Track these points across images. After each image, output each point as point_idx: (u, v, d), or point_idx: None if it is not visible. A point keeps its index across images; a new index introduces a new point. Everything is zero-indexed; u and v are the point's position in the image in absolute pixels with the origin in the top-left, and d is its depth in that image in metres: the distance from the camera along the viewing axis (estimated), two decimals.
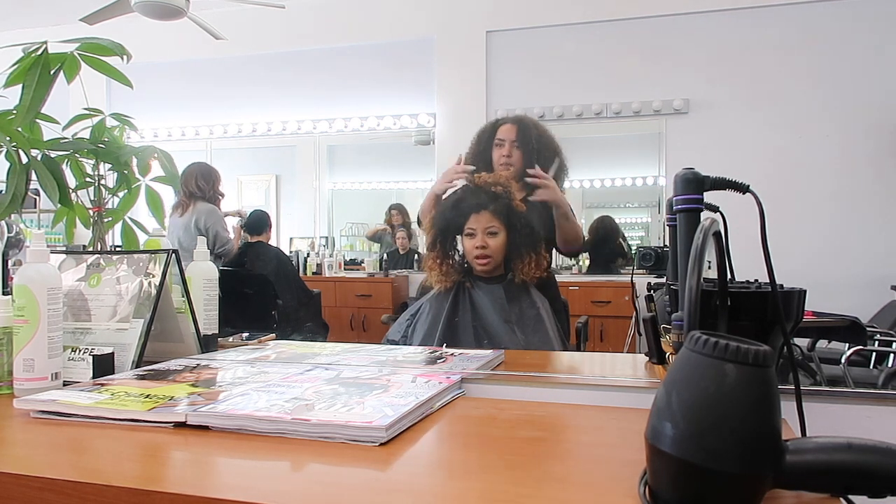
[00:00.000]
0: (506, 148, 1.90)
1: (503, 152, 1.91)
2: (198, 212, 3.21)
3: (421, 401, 0.75)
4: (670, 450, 0.46)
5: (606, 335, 3.54)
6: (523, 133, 1.91)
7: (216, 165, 3.58)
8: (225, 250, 3.28)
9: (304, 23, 4.35)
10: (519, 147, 1.91)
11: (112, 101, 4.08)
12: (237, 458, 0.63)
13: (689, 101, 3.78)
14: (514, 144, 1.90)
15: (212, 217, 3.24)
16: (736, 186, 0.72)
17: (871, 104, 3.54)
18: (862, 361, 1.87)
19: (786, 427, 0.67)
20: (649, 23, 3.83)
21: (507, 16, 4.04)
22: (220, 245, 3.25)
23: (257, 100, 4.55)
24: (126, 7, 3.11)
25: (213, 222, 3.23)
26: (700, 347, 0.46)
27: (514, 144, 1.90)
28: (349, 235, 4.73)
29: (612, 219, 4.13)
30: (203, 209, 3.22)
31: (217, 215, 3.28)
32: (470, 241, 1.66)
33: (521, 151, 1.91)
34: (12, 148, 1.10)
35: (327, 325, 3.82)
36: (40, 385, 0.85)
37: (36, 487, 0.56)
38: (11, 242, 1.37)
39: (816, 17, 3.60)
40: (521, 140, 1.90)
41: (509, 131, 1.92)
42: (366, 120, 4.34)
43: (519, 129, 1.92)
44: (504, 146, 1.91)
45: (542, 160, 1.89)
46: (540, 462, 0.62)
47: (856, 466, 0.47)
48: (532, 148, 1.89)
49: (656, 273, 2.66)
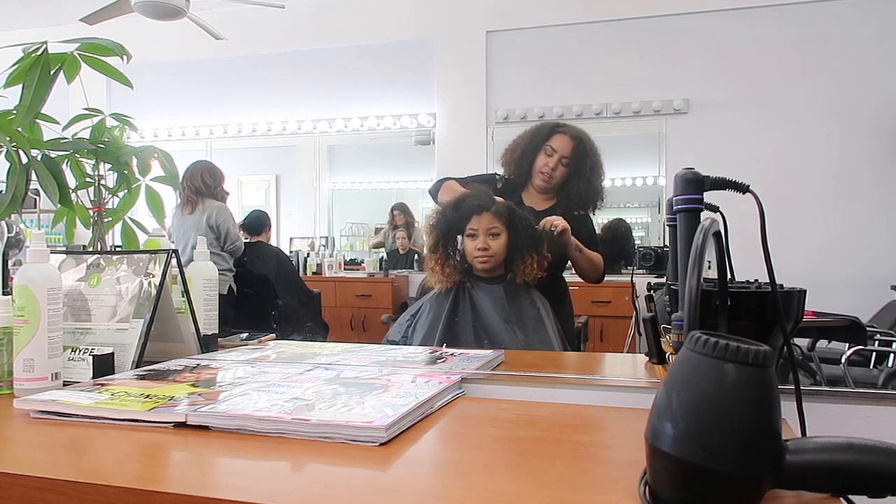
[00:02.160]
0: (554, 160, 1.78)
1: (550, 164, 1.78)
2: (209, 209, 3.19)
3: (421, 401, 0.75)
4: (670, 450, 0.46)
5: (606, 335, 3.54)
6: (579, 154, 1.78)
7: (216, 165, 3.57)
8: (235, 247, 3.28)
9: (304, 23, 4.35)
10: (567, 166, 1.78)
11: (112, 101, 4.08)
12: (237, 458, 0.63)
13: (689, 101, 3.78)
14: (564, 161, 1.78)
15: (223, 214, 3.23)
16: (736, 186, 0.72)
17: (871, 104, 3.54)
18: (862, 361, 1.88)
19: (786, 427, 0.67)
20: (649, 23, 3.83)
21: (507, 16, 4.04)
22: (230, 242, 3.25)
23: (257, 100, 4.55)
24: (126, 7, 3.11)
25: (223, 219, 3.22)
26: (700, 347, 0.46)
27: (564, 161, 1.78)
28: (349, 235, 4.73)
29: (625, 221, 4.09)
30: (214, 206, 3.20)
31: (227, 212, 3.27)
32: (471, 242, 1.66)
33: (566, 170, 1.78)
34: (12, 148, 1.10)
35: (327, 325, 3.82)
36: (40, 385, 0.85)
37: (36, 487, 0.56)
38: (11, 242, 1.37)
39: (817, 17, 3.60)
40: (575, 160, 1.78)
41: (565, 145, 1.78)
42: (366, 120, 4.34)
43: (576, 148, 1.78)
44: (553, 157, 1.78)
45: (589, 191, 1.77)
46: (540, 462, 0.62)
47: (856, 466, 0.47)
48: (583, 175, 1.77)
49: (656, 273, 2.66)
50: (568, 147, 1.78)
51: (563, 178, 1.80)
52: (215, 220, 3.18)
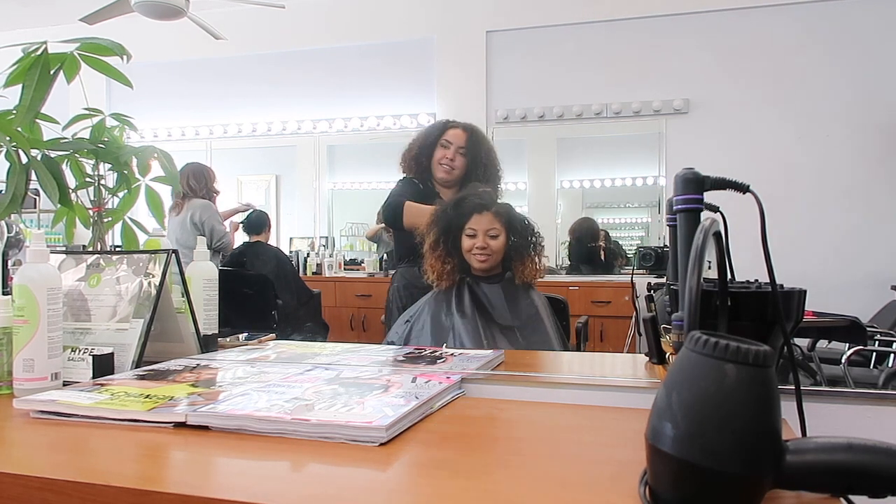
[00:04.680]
0: (450, 151, 1.94)
1: (447, 154, 1.94)
2: (192, 207, 3.20)
3: (421, 401, 0.75)
4: (670, 450, 0.46)
5: (606, 335, 3.54)
6: (473, 143, 1.94)
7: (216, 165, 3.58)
8: (223, 244, 3.27)
9: (304, 23, 4.35)
10: (465, 155, 1.95)
11: (112, 101, 4.08)
12: (237, 458, 0.63)
13: (689, 101, 3.78)
14: (461, 151, 1.94)
15: (206, 211, 3.23)
16: (736, 186, 0.72)
17: (871, 105, 3.54)
18: (862, 361, 1.87)
19: (786, 427, 0.67)
20: (649, 23, 3.83)
21: (507, 16, 4.04)
22: (217, 239, 3.23)
23: (257, 100, 4.55)
24: (126, 7, 3.11)
25: (207, 216, 3.22)
26: (700, 347, 0.46)
27: (461, 151, 1.94)
28: (349, 235, 4.73)
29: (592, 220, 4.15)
30: (196, 204, 3.21)
31: (211, 209, 3.27)
32: (470, 242, 1.66)
33: (465, 160, 1.95)
34: (12, 148, 1.10)
35: (327, 325, 3.82)
36: (40, 385, 0.85)
37: (36, 487, 0.56)
38: (11, 242, 1.36)
39: (817, 17, 3.60)
40: (470, 149, 1.94)
41: (458, 137, 1.96)
42: (366, 120, 4.34)
43: (469, 138, 1.95)
44: (449, 149, 1.94)
45: (487, 175, 1.94)
46: (540, 462, 0.62)
47: (856, 466, 0.47)
48: (480, 161, 1.93)
49: (656, 273, 2.66)
50: (462, 138, 1.95)
51: (463, 168, 1.95)
52: (199, 217, 3.18)
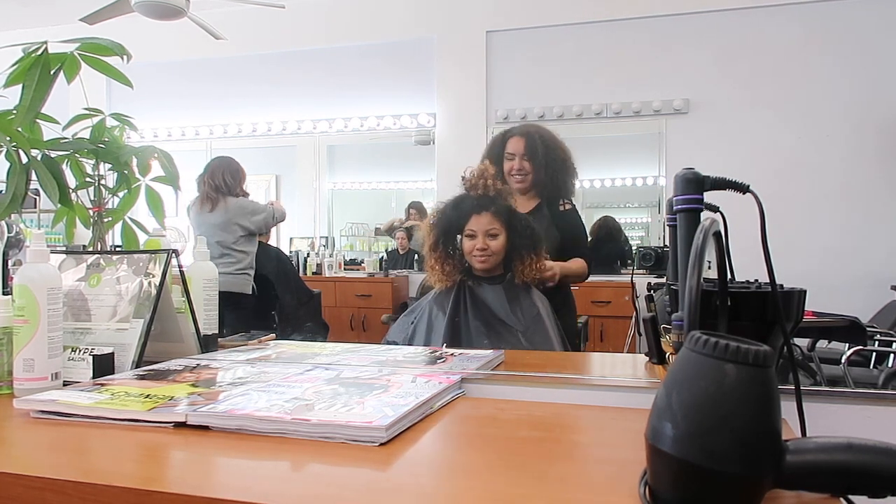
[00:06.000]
0: (517, 161, 1.97)
1: (514, 165, 1.98)
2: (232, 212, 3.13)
3: (421, 401, 0.75)
4: (670, 450, 0.46)
5: (606, 335, 3.54)
6: (532, 148, 1.97)
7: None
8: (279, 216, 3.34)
9: (304, 23, 4.35)
10: (529, 160, 1.98)
11: (112, 101, 4.08)
12: (237, 458, 0.63)
13: (689, 101, 3.78)
14: (524, 157, 1.97)
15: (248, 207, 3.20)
16: (736, 186, 0.72)
17: (871, 104, 3.53)
18: (862, 361, 1.87)
19: (786, 427, 0.67)
20: (649, 23, 3.83)
21: (507, 16, 4.03)
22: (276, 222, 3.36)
23: (257, 100, 4.55)
24: (126, 7, 3.10)
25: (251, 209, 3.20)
26: (700, 347, 0.46)
27: (524, 157, 1.97)
28: (349, 235, 4.73)
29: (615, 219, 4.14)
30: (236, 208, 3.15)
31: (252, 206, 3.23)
32: (470, 242, 1.66)
33: (531, 164, 1.98)
34: (12, 148, 1.10)
35: (327, 325, 3.82)
36: (40, 385, 0.85)
37: (36, 487, 0.56)
38: (11, 242, 1.36)
39: (817, 17, 3.60)
40: (530, 153, 1.97)
41: (517, 145, 1.99)
42: (366, 120, 4.34)
43: (527, 143, 1.98)
44: (514, 160, 1.98)
45: (550, 172, 1.96)
46: (540, 462, 0.62)
47: (856, 466, 0.47)
48: (541, 163, 1.96)
49: (656, 273, 2.66)
50: (521, 145, 1.98)
51: (533, 170, 1.98)
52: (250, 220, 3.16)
